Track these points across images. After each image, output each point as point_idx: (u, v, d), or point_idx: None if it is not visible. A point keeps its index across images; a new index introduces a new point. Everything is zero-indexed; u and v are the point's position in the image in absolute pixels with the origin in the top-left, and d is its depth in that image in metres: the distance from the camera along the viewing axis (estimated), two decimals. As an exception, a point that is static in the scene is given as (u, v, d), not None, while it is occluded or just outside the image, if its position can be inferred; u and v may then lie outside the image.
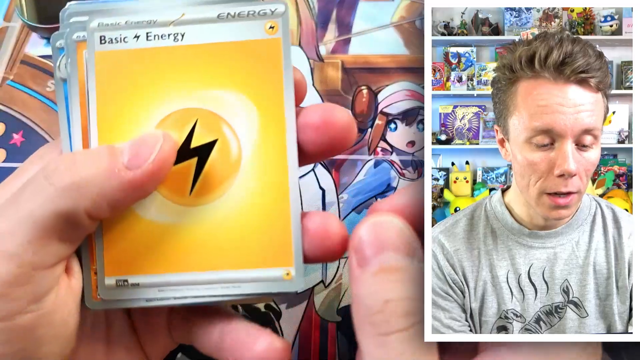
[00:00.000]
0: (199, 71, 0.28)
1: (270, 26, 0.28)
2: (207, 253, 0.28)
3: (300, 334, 0.41)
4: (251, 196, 0.28)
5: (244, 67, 0.28)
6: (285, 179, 0.28)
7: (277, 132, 0.28)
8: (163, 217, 0.28)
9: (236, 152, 0.28)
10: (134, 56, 0.28)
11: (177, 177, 0.28)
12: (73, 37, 0.29)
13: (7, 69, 0.46)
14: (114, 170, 0.26)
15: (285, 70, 0.28)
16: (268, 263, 0.27)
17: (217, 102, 0.28)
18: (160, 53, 0.28)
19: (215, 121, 0.28)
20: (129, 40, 0.28)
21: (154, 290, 0.28)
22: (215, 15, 0.28)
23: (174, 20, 0.28)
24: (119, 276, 0.28)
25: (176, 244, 0.28)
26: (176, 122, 0.28)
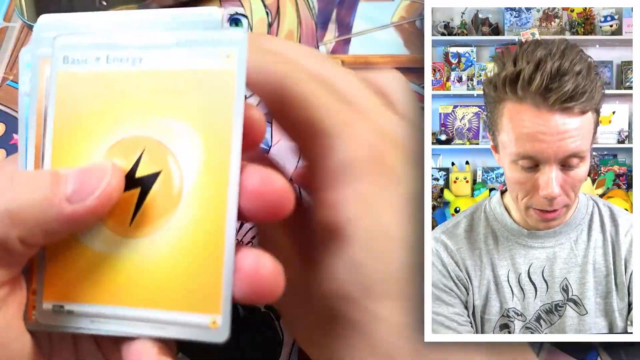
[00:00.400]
0: (152, 98, 0.27)
1: (227, 55, 0.27)
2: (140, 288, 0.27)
3: (300, 334, 0.41)
4: (187, 234, 0.27)
5: (195, 97, 0.27)
6: (223, 220, 0.26)
7: (220, 169, 0.26)
8: (103, 246, 0.27)
9: (178, 186, 0.27)
10: (93, 79, 0.28)
11: (120, 206, 0.27)
12: (37, 52, 0.28)
13: (7, 69, 0.46)
14: (54, 200, 0.24)
15: (236, 103, 0.26)
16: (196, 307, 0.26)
17: (165, 131, 0.27)
18: (118, 77, 0.28)
19: (161, 151, 0.27)
20: (89, 62, 0.28)
21: (86, 320, 0.27)
22: (174, 41, 0.27)
23: (133, 44, 0.28)
24: (56, 302, 0.28)
25: (112, 275, 0.27)
26: (125, 149, 0.27)
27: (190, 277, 0.27)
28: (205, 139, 0.27)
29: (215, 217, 0.26)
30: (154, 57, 0.27)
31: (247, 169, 0.26)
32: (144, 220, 0.27)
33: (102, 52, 0.28)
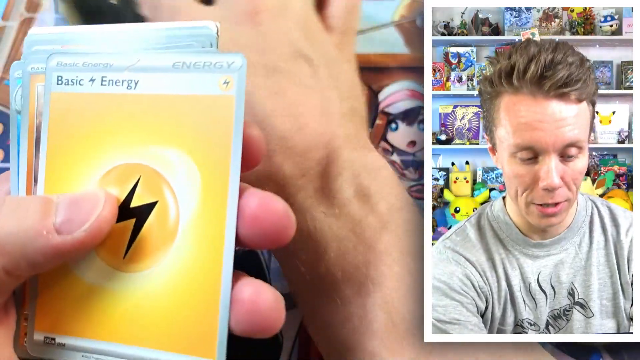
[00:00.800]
0: (147, 124, 0.26)
1: (225, 81, 0.26)
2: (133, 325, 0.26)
3: (299, 336, 0.41)
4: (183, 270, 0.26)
5: (191, 124, 0.26)
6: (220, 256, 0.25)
7: (217, 201, 0.25)
8: (97, 279, 0.26)
9: (174, 218, 0.26)
10: (87, 101, 0.27)
11: (114, 236, 0.26)
12: (28, 68, 0.27)
13: (4, 69, 0.46)
14: (41, 231, 0.23)
15: (234, 133, 0.25)
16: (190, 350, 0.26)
17: (161, 160, 0.26)
18: (113, 100, 0.27)
19: (157, 181, 0.26)
20: (84, 83, 0.27)
21: (78, 355, 0.27)
22: (170, 64, 0.26)
23: (129, 66, 0.26)
24: (48, 333, 0.27)
25: (106, 310, 0.26)
26: (120, 177, 0.26)
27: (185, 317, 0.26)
28: (202, 168, 0.26)
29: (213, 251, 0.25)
30: (150, 81, 0.26)
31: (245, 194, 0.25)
32: (139, 253, 0.26)
33: (97, 74, 0.27)
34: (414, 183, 0.43)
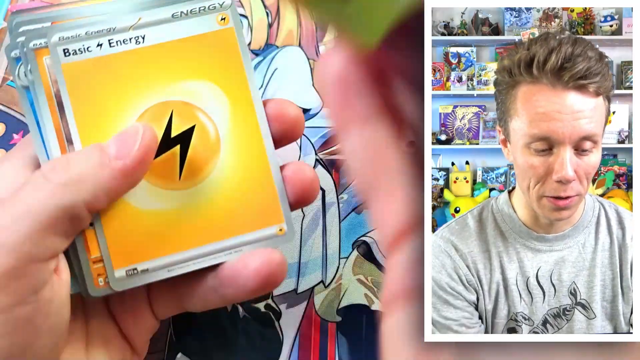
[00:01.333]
0: (164, 67, 0.30)
1: (222, 18, 0.30)
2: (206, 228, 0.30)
3: (300, 334, 0.41)
4: (235, 170, 0.30)
5: (205, 57, 0.30)
6: (262, 148, 0.30)
7: (247, 110, 0.30)
8: (158, 205, 0.30)
9: (214, 134, 0.30)
10: (100, 63, 0.30)
11: (165, 165, 0.30)
12: (30, 45, 0.29)
13: (7, 70, 0.46)
14: (105, 162, 0.28)
15: (243, 54, 0.30)
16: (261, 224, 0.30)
17: (187, 92, 0.30)
18: (126, 56, 0.30)
19: (189, 109, 0.30)
20: (92, 49, 0.30)
21: (164, 271, 0.30)
22: (169, 15, 0.30)
23: (132, 25, 0.30)
24: (128, 266, 0.30)
25: (176, 225, 0.30)
26: (153, 116, 0.30)
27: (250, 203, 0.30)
28: (225, 88, 0.30)
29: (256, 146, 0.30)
30: (156, 33, 0.30)
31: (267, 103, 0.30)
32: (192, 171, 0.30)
33: (103, 39, 0.29)
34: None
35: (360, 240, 0.42)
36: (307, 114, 0.45)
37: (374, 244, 0.42)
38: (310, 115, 0.45)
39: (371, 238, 0.42)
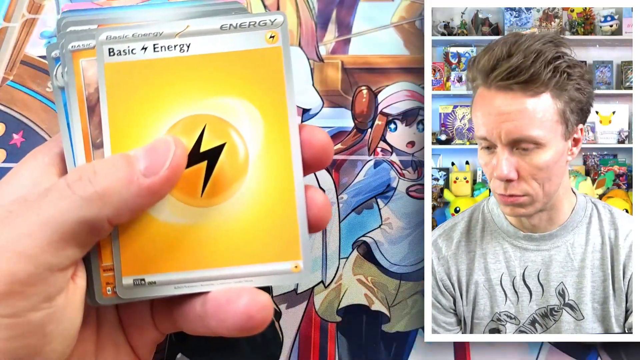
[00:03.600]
0: (204, 80, 0.29)
1: (271, 36, 0.29)
2: (219, 250, 0.29)
3: (300, 334, 0.41)
4: (260, 195, 0.29)
5: (247, 75, 0.29)
6: (291, 178, 0.29)
7: (281, 135, 0.29)
8: (176, 218, 0.29)
9: (243, 154, 0.29)
10: (142, 67, 0.29)
11: (189, 180, 0.29)
12: (69, 47, 0.29)
13: (7, 70, 0.46)
14: (132, 178, 0.27)
15: (286, 76, 0.29)
16: (278, 257, 0.29)
17: (223, 108, 0.29)
18: (168, 63, 0.29)
19: (222, 126, 0.29)
20: (136, 52, 0.29)
21: (170, 288, 0.29)
22: (218, 27, 0.29)
23: (179, 32, 0.29)
24: (136, 275, 0.29)
25: (190, 243, 0.29)
26: (185, 128, 0.29)
27: (269, 233, 0.29)
28: (262, 110, 0.29)
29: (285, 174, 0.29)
30: (201, 43, 0.29)
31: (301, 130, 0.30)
32: (215, 190, 0.29)
33: (149, 42, 0.29)
34: (413, 183, 0.44)
35: (360, 240, 0.42)
36: (307, 113, 0.45)
37: (374, 243, 0.42)
38: (310, 116, 0.45)
39: (371, 238, 0.42)
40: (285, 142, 0.29)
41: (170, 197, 0.29)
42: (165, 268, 0.29)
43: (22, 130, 0.45)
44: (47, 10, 0.47)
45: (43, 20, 0.47)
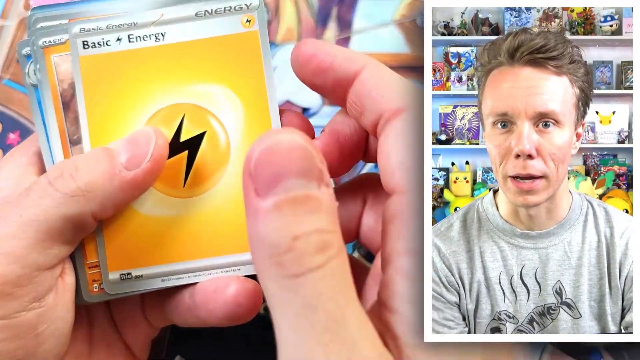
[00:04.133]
0: (182, 68, 0.29)
1: (247, 20, 0.29)
2: (205, 241, 0.29)
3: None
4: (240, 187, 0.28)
5: (224, 61, 0.29)
6: None
7: (261, 120, 0.29)
8: (160, 210, 0.29)
9: (224, 142, 0.29)
10: (117, 58, 0.29)
11: (170, 170, 0.29)
12: (39, 43, 0.29)
13: (3, 68, 0.45)
14: (114, 172, 0.26)
15: (265, 60, 0.29)
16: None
17: (202, 96, 0.29)
18: (143, 53, 0.29)
19: (202, 114, 0.29)
20: (111, 44, 0.29)
21: (157, 280, 0.29)
22: (193, 14, 0.29)
23: (154, 21, 0.29)
24: (122, 270, 0.29)
25: (175, 234, 0.29)
26: (164, 118, 0.29)
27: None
28: (242, 96, 0.29)
29: None
30: (177, 31, 0.29)
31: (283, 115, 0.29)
32: (198, 179, 0.29)
33: (123, 33, 0.29)
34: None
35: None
36: (306, 113, 0.45)
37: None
38: (309, 115, 0.44)
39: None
40: (267, 128, 0.29)
41: (153, 189, 0.29)
42: (151, 261, 0.29)
43: (19, 130, 0.45)
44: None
45: (40, 19, 0.46)
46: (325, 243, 0.20)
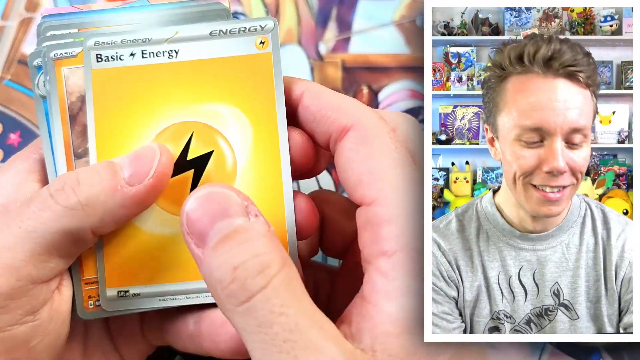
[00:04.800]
0: (193, 86, 0.29)
1: (261, 41, 0.29)
2: None
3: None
4: None
5: (236, 81, 0.29)
6: (280, 187, 0.28)
7: (270, 142, 0.29)
8: (162, 229, 0.28)
9: (231, 162, 0.29)
10: (130, 73, 0.29)
11: (175, 188, 0.28)
12: (50, 55, 0.29)
13: (4, 69, 0.46)
14: (116, 187, 0.26)
15: (276, 82, 0.29)
16: None
17: (211, 115, 0.29)
18: (156, 69, 0.29)
19: (210, 133, 0.29)
20: (124, 58, 0.29)
21: (155, 300, 0.29)
22: (207, 33, 0.29)
23: (168, 38, 0.29)
24: (120, 287, 0.29)
25: (176, 254, 0.28)
26: (172, 135, 0.29)
27: None
28: (251, 117, 0.29)
29: (273, 182, 0.29)
30: (190, 49, 0.29)
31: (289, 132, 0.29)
32: None
33: (137, 48, 0.29)
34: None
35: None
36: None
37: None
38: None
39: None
40: (275, 151, 0.29)
41: (156, 206, 0.28)
42: (150, 280, 0.29)
43: (19, 130, 0.45)
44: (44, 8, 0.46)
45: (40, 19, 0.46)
46: (263, 265, 0.23)
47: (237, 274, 0.23)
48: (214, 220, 0.24)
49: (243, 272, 0.23)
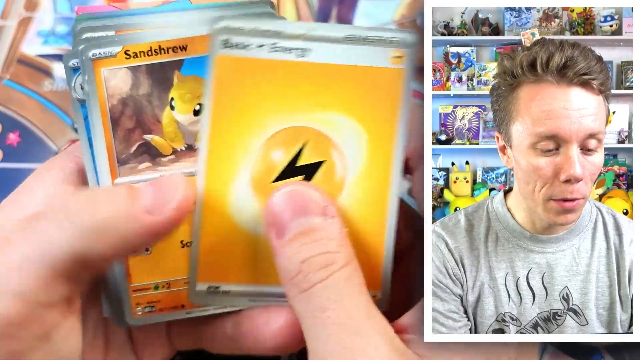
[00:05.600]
0: (316, 91, 0.28)
1: (397, 55, 0.27)
2: None
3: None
4: (350, 218, 0.28)
5: (362, 93, 0.27)
6: (385, 207, 0.28)
7: (383, 160, 0.28)
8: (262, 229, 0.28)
9: (341, 174, 0.28)
10: (254, 65, 0.27)
11: None
12: (89, 54, 0.27)
13: (3, 69, 0.45)
14: (134, 213, 0.25)
15: (403, 102, 0.27)
16: None
17: (329, 124, 0.28)
18: (282, 66, 0.27)
19: (325, 143, 0.28)
20: (252, 49, 0.27)
21: (244, 300, 0.28)
22: (342, 36, 0.27)
23: (302, 34, 0.27)
24: (212, 283, 0.28)
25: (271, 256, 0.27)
26: (285, 139, 0.28)
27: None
28: (371, 133, 0.28)
29: (379, 202, 0.28)
30: (322, 51, 0.27)
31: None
32: None
33: (267, 40, 0.27)
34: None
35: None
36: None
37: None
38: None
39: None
40: (386, 170, 0.28)
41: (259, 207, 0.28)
42: (241, 279, 0.28)
43: (19, 130, 0.45)
44: (44, 8, 0.46)
45: (39, 19, 0.46)
46: (328, 261, 0.25)
47: (303, 267, 0.25)
48: (294, 216, 0.25)
49: (308, 266, 0.25)
